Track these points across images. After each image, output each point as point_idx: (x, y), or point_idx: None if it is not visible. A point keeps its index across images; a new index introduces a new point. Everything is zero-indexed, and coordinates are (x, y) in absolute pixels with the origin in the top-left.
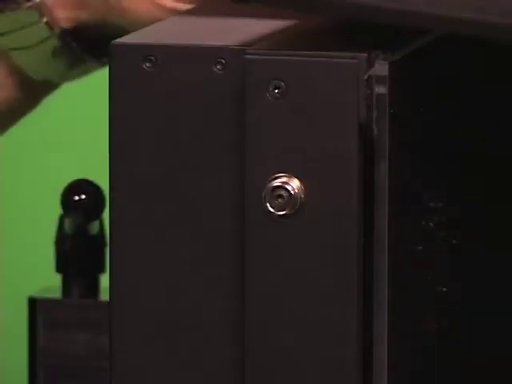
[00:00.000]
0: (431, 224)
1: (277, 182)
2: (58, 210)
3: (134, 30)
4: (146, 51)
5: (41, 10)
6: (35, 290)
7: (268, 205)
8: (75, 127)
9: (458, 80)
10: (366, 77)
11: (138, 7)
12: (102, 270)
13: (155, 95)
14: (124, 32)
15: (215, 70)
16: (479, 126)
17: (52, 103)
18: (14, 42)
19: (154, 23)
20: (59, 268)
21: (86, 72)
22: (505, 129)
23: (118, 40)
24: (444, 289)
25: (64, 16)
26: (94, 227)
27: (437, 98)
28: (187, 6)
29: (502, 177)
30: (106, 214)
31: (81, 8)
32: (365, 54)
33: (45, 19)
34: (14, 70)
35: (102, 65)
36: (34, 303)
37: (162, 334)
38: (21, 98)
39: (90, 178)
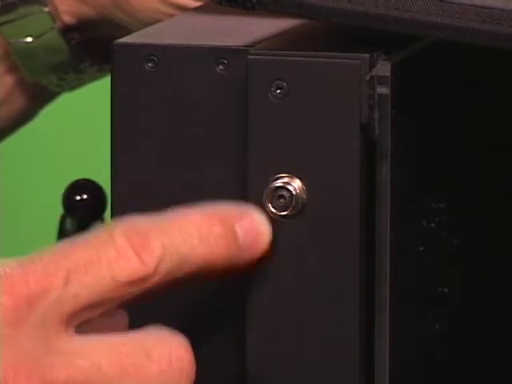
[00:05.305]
0: (432, 224)
1: (278, 183)
2: (59, 210)
3: (139, 27)
4: (148, 51)
5: (44, 0)
6: None
7: (270, 205)
8: (77, 126)
9: (461, 81)
10: (368, 77)
11: (145, 3)
12: None
13: (157, 95)
14: (128, 33)
15: (217, 70)
16: (481, 127)
17: (54, 102)
18: (17, 32)
19: (160, 21)
20: None
21: (80, 80)
22: (506, 130)
23: (120, 40)
24: (445, 289)
25: (66, 9)
26: (96, 227)
27: (439, 99)
28: (195, 3)
29: (503, 177)
30: (107, 214)
31: (83, 2)
32: (367, 55)
33: (47, 9)
34: (13, 67)
35: (99, 72)
36: None
37: None
38: (17, 99)
39: (92, 177)
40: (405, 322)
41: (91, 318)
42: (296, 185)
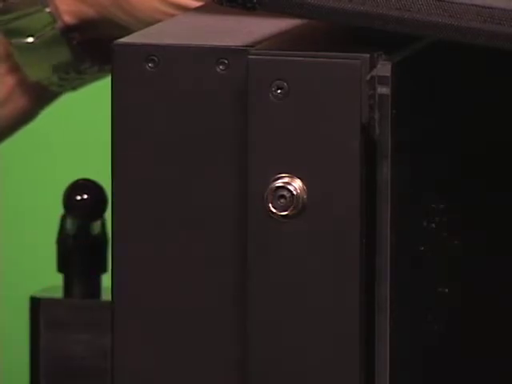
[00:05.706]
0: (432, 225)
1: (279, 183)
2: (60, 210)
3: (139, 27)
4: (149, 51)
5: (45, 0)
6: (36, 290)
7: (270, 205)
8: (77, 127)
9: (461, 81)
10: (368, 77)
11: (145, 2)
12: (104, 270)
13: (157, 95)
14: (128, 33)
15: (218, 70)
16: (481, 127)
17: (54, 102)
18: (18, 32)
19: (160, 21)
20: (61, 268)
21: (82, 80)
22: (506, 130)
23: (120, 40)
24: (445, 289)
25: (66, 9)
26: (96, 227)
27: (439, 99)
28: (195, 3)
29: (503, 178)
30: (108, 214)
31: (83, 1)
32: (367, 55)
33: (48, 9)
34: (14, 67)
35: (100, 73)
36: (36, 303)
37: (163, 334)
38: (18, 99)
39: (93, 177)
40: (405, 322)
41: None
42: (297, 185)
